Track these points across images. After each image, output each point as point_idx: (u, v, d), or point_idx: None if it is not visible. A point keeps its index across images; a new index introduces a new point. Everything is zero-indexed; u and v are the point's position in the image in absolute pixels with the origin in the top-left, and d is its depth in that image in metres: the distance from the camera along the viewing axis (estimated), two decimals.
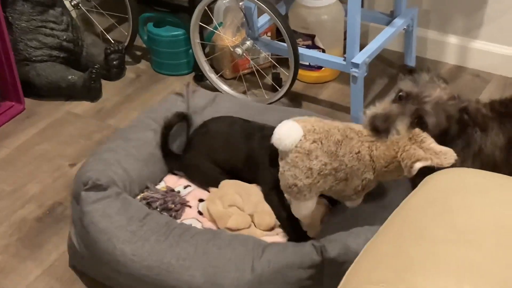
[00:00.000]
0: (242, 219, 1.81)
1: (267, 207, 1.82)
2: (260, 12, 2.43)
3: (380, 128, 1.55)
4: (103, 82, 2.68)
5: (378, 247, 1.13)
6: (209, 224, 1.86)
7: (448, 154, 1.51)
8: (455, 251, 1.06)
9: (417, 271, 1.03)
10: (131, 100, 2.64)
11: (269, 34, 2.67)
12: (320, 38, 2.59)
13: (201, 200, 1.96)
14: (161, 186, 2.01)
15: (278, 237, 1.81)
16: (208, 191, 1.96)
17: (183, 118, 2.04)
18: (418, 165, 1.50)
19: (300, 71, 2.53)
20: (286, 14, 2.60)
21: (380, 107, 1.59)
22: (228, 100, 2.18)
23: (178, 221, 1.87)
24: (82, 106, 2.60)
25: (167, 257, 1.64)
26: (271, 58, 2.63)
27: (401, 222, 1.17)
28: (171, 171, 2.06)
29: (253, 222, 1.82)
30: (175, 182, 2.04)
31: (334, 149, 1.59)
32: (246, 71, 2.69)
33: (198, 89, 2.19)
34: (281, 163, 1.62)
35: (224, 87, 2.58)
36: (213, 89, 2.61)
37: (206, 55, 2.61)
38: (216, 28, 2.57)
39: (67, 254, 1.93)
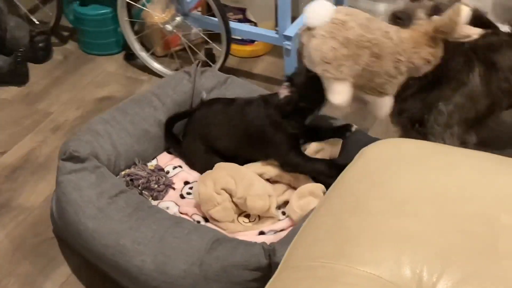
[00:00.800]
0: (226, 214, 1.75)
1: (259, 191, 1.76)
2: None
3: (402, 16, 1.66)
4: (30, 65, 2.60)
5: (316, 222, 1.13)
6: (186, 209, 1.81)
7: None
8: (393, 222, 1.07)
9: (357, 243, 1.04)
10: (60, 82, 2.56)
11: (199, 9, 2.63)
12: (251, 12, 2.56)
13: (186, 183, 1.90)
14: (151, 164, 1.95)
15: (261, 237, 1.74)
16: None
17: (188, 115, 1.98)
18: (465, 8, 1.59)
19: (234, 46, 2.50)
20: None
21: (399, 4, 1.69)
22: (239, 85, 2.09)
23: (157, 202, 1.83)
24: (9, 91, 2.51)
25: (124, 239, 1.61)
26: (202, 33, 2.59)
27: (339, 196, 1.17)
28: (167, 150, 2.01)
29: (247, 205, 1.76)
30: (167, 161, 1.98)
31: (366, 23, 1.62)
32: (177, 48, 2.65)
33: (207, 69, 2.11)
34: (316, 41, 1.61)
35: (155, 65, 2.53)
36: (145, 67, 2.56)
37: (136, 33, 2.55)
38: (144, 5, 2.51)
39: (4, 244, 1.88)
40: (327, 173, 1.74)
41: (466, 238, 1.02)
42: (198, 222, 1.77)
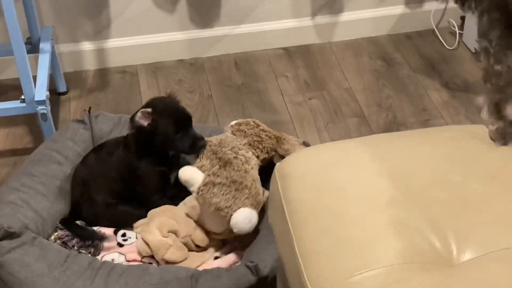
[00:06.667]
0: (182, 252, 1.74)
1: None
2: None
3: None
4: None
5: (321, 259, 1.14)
6: (133, 256, 1.76)
7: None
8: (381, 216, 1.15)
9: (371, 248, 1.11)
10: None
11: None
12: None
13: (116, 231, 1.84)
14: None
15: (217, 261, 1.75)
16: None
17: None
18: None
19: None
20: None
21: None
22: None
23: (99, 257, 1.77)
24: None
25: None
26: None
27: (310, 222, 1.19)
28: None
29: (193, 242, 1.77)
30: None
31: None
32: None
33: (99, 114, 2.05)
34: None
35: None
36: None
37: None
38: None
39: None
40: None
41: (446, 206, 1.16)
42: (150, 264, 1.75)
